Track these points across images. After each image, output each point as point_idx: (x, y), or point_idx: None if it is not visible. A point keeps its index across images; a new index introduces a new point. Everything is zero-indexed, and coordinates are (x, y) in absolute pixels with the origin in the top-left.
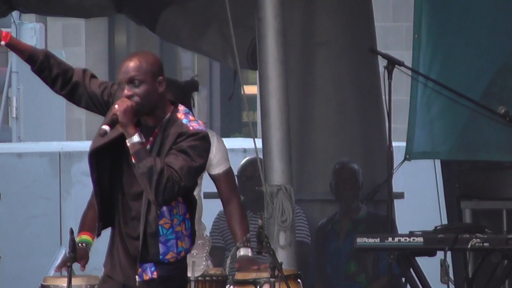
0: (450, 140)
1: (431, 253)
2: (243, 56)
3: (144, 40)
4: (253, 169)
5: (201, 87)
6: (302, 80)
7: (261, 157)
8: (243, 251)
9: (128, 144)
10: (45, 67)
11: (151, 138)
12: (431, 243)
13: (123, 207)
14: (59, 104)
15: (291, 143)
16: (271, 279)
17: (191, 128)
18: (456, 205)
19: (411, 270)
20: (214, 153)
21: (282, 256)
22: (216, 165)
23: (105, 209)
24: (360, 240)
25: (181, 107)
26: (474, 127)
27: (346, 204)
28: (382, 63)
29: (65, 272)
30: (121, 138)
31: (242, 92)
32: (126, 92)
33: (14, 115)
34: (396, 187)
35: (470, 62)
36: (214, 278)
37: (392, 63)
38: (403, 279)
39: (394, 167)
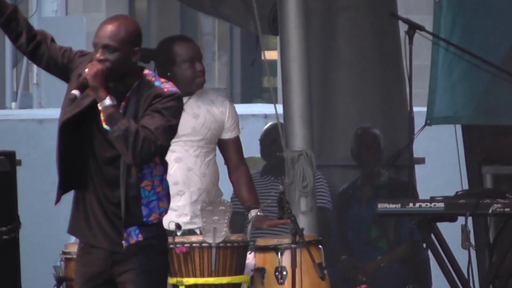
0: (471, 105)
1: (452, 218)
2: (264, 21)
3: (164, 5)
4: (277, 133)
5: (222, 53)
6: (323, 46)
7: (282, 122)
8: (253, 213)
9: (100, 108)
10: (13, 19)
11: (122, 103)
12: (452, 208)
13: (97, 173)
14: None
15: (312, 108)
16: (292, 245)
17: (165, 89)
18: (477, 170)
19: (432, 235)
20: (227, 118)
21: (303, 222)
22: (228, 130)
23: (68, 176)
24: (381, 206)
25: (147, 71)
26: (496, 92)
27: (368, 170)
28: (403, 28)
29: None
30: (92, 105)
31: (262, 58)
32: (98, 56)
33: (35, 82)
34: (417, 153)
35: (491, 26)
36: (235, 244)
37: (413, 28)
38: (424, 245)
39: (415, 132)
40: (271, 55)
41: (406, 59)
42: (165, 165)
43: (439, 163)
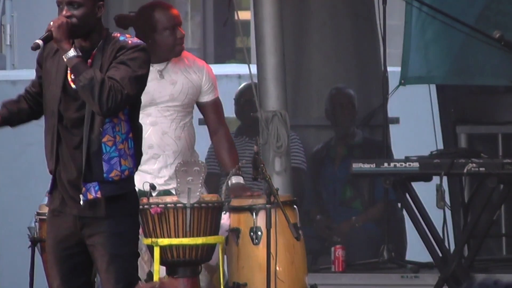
0: (445, 65)
1: (427, 178)
2: None
3: None
4: (251, 93)
5: (195, 13)
6: (296, 6)
7: (256, 82)
8: (235, 179)
9: (65, 60)
10: (15, 118)
11: (89, 60)
12: (427, 168)
13: (66, 136)
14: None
15: (286, 69)
16: (266, 205)
17: (130, 42)
18: (451, 130)
19: (407, 195)
20: (204, 81)
21: (277, 182)
22: (206, 93)
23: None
24: (356, 166)
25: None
26: (469, 52)
27: (342, 130)
28: None
29: None
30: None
31: (236, 18)
32: (64, 12)
33: (8, 43)
34: (391, 112)
35: None
36: (210, 204)
37: None
38: (399, 205)
39: (389, 92)
40: (244, 15)
41: (379, 19)
42: (134, 125)
43: (414, 123)
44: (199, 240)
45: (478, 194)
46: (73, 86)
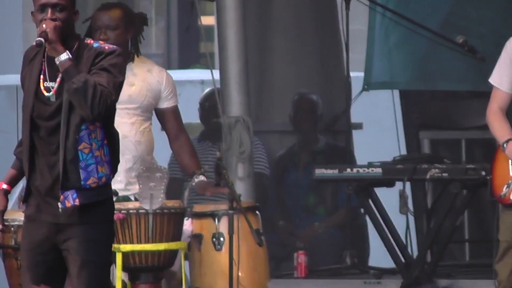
0: (408, 70)
1: (390, 184)
2: None
3: None
4: (216, 99)
5: (159, 18)
6: (260, 11)
7: (219, 88)
8: (198, 179)
9: (57, 62)
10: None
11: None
12: (389, 173)
13: (42, 145)
14: (17, 36)
15: (249, 74)
16: (229, 211)
17: (106, 47)
18: (414, 135)
19: (370, 201)
20: (164, 86)
21: (240, 188)
22: (165, 99)
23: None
24: (319, 172)
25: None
26: (433, 57)
27: (305, 135)
28: None
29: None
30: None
31: (199, 23)
32: (49, 15)
33: None
34: (354, 118)
35: None
36: (172, 210)
37: None
38: (362, 210)
39: (353, 98)
40: (208, 20)
41: (343, 24)
42: (108, 131)
43: (377, 129)
44: (162, 246)
45: (441, 199)
46: (45, 93)
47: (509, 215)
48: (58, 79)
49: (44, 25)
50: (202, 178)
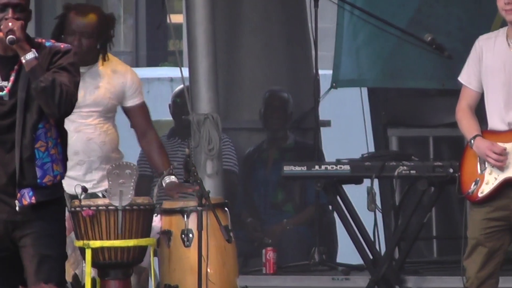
0: (376, 68)
1: (358, 181)
2: None
3: None
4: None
5: (127, 16)
6: (228, 9)
7: (188, 85)
8: (169, 179)
9: (24, 61)
10: None
11: (15, 67)
12: (358, 171)
13: None
14: None
15: (217, 72)
16: (198, 207)
17: (62, 46)
18: (382, 133)
19: (338, 198)
20: (128, 86)
21: (209, 185)
22: (131, 97)
23: None
24: (287, 169)
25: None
26: (401, 55)
27: (274, 133)
28: None
29: None
30: None
31: (168, 21)
32: (11, 15)
33: None
34: (322, 115)
35: None
36: (141, 207)
37: None
38: (330, 207)
39: (321, 95)
40: (177, 18)
41: (311, 22)
42: (61, 130)
43: (345, 126)
44: (131, 243)
45: (409, 196)
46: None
47: (477, 212)
48: (11, 78)
49: (10, 24)
50: (172, 178)
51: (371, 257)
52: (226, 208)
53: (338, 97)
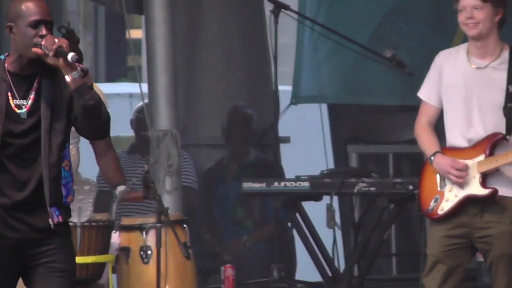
0: (337, 84)
1: (318, 197)
2: (129, 0)
3: None
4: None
5: (87, 32)
6: (188, 24)
7: (147, 102)
8: (120, 188)
9: (70, 78)
10: None
11: (35, 85)
12: (317, 187)
13: (9, 163)
14: None
15: (177, 88)
16: (157, 224)
17: (82, 66)
18: (342, 149)
19: (297, 215)
20: None
21: (168, 201)
22: None
23: None
24: (247, 185)
25: None
26: (361, 71)
27: (235, 148)
28: (268, 6)
29: None
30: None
31: (127, 36)
32: (46, 31)
33: None
34: (282, 131)
35: (357, 5)
36: (100, 223)
37: (278, 6)
38: (289, 224)
39: (280, 111)
40: (136, 33)
41: (271, 37)
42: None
43: (305, 142)
44: (89, 259)
45: (369, 213)
46: (17, 111)
47: (437, 230)
48: (31, 96)
49: (56, 40)
50: (124, 187)
51: (330, 274)
52: (185, 225)
53: (298, 113)
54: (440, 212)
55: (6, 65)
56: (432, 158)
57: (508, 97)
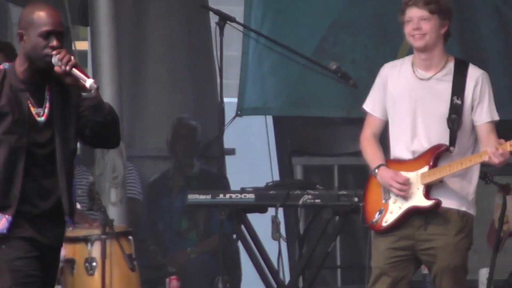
0: (282, 96)
1: (263, 209)
2: (74, 12)
3: None
4: None
5: None
6: (133, 36)
7: None
8: None
9: (92, 91)
10: None
11: (47, 93)
12: (262, 199)
13: (33, 172)
14: None
15: (122, 99)
16: (102, 236)
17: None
18: (287, 161)
19: (242, 226)
20: None
21: (113, 212)
22: None
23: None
24: (192, 197)
25: None
26: (306, 83)
27: (180, 160)
28: (213, 19)
29: None
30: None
31: (73, 48)
32: (57, 43)
33: None
34: (227, 143)
35: (302, 17)
36: None
37: (224, 19)
38: (234, 236)
39: (226, 123)
40: (82, 45)
41: (216, 50)
42: None
43: (250, 154)
44: None
45: (314, 225)
46: (38, 119)
47: (381, 242)
48: (47, 104)
49: (72, 58)
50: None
51: (275, 286)
52: (130, 237)
53: (243, 125)
54: (384, 224)
55: (17, 73)
56: (376, 170)
57: (452, 108)
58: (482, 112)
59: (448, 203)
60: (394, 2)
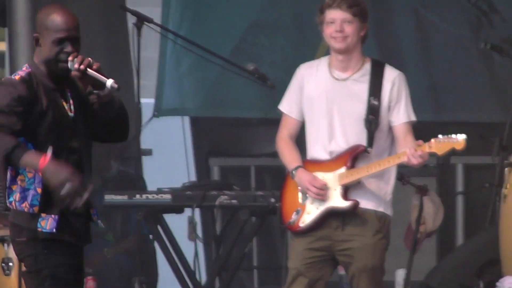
0: (199, 97)
1: (179, 210)
2: None
3: None
4: None
5: None
6: None
7: None
8: None
9: (109, 89)
10: None
11: (67, 90)
12: (179, 200)
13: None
14: None
15: None
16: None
17: None
18: (204, 162)
19: (159, 227)
20: None
21: None
22: None
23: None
24: (108, 197)
25: None
26: (224, 84)
27: (96, 161)
28: (131, 20)
29: None
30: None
31: None
32: (71, 48)
33: None
34: (144, 144)
35: (219, 19)
36: None
37: (141, 20)
38: (151, 236)
39: (143, 124)
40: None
41: (134, 51)
42: None
43: (167, 155)
44: None
45: (230, 226)
46: (70, 114)
47: (299, 243)
48: (71, 100)
49: (90, 59)
50: None
51: (192, 287)
52: None
53: (160, 126)
54: (301, 224)
55: (43, 73)
56: (293, 172)
57: (369, 109)
58: (399, 113)
59: (365, 204)
60: (312, 3)
